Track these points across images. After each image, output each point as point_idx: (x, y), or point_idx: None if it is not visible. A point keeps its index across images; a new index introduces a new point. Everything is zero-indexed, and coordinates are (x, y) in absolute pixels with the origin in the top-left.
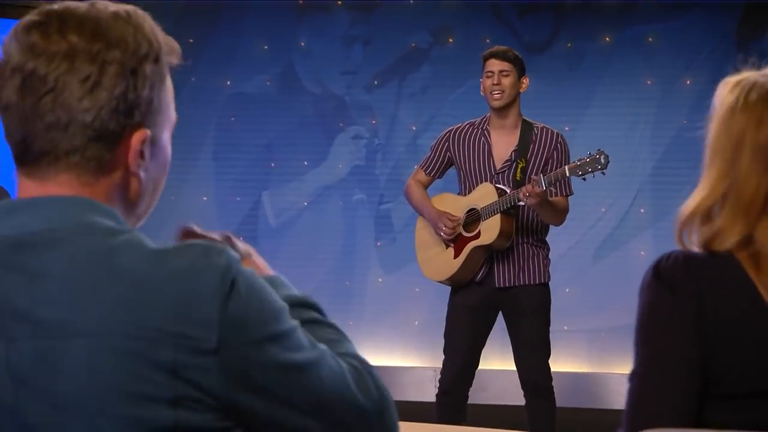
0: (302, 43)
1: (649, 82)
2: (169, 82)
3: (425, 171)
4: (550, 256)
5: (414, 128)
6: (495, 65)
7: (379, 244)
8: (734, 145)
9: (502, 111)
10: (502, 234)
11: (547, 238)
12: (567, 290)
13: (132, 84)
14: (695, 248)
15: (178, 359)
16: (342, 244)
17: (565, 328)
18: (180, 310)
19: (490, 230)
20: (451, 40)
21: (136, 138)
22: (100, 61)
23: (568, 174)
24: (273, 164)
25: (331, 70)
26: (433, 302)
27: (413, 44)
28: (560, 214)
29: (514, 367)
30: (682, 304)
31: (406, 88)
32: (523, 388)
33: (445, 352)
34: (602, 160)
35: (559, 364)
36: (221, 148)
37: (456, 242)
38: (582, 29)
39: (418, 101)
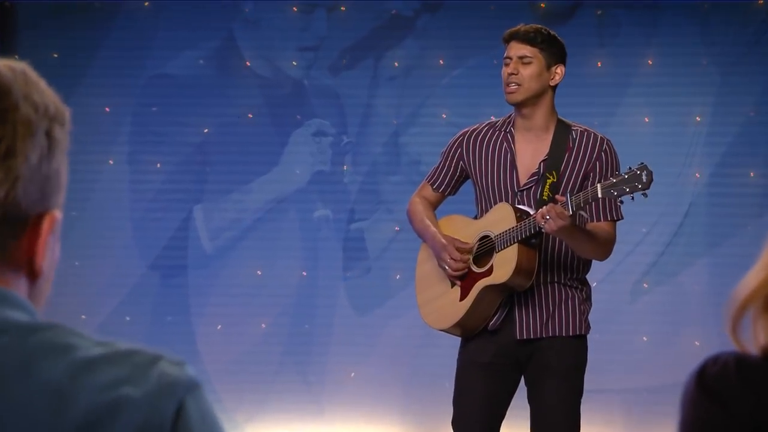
0: (246, 9)
1: (705, 63)
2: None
3: (433, 185)
4: (591, 300)
5: (395, 122)
6: (513, 49)
7: (348, 275)
8: None
9: (523, 109)
10: (520, 270)
11: (587, 276)
12: (597, 336)
13: (47, 149)
14: (753, 348)
15: None
16: (299, 276)
17: (596, 387)
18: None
19: (504, 265)
20: (443, 6)
21: (48, 222)
22: (11, 122)
23: (600, 194)
24: (208, 169)
25: (285, 44)
26: (422, 352)
27: (394, 11)
28: (602, 245)
29: None
30: (735, 424)
31: (384, 70)
32: None
33: (453, 424)
34: (643, 178)
35: None
36: (139, 148)
37: (464, 280)
38: None
39: (399, 87)
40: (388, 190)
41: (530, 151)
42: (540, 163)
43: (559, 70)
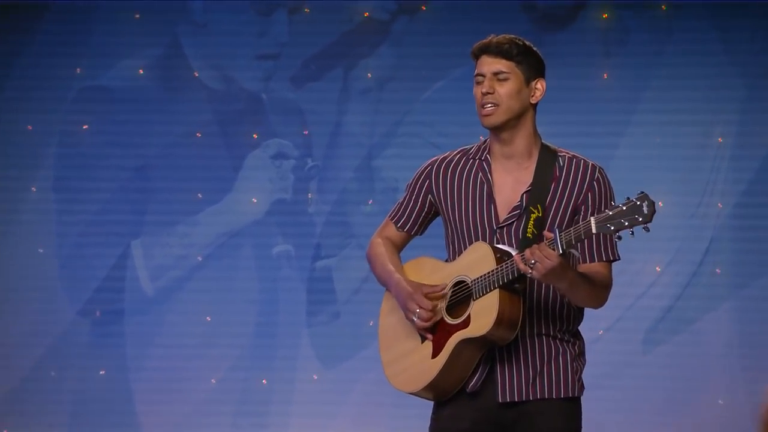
0: (194, 10)
1: (728, 74)
2: None
3: (396, 224)
4: (585, 356)
5: (368, 143)
6: (485, 65)
7: (313, 321)
8: None
9: (502, 134)
10: (502, 321)
11: (580, 327)
12: (602, 393)
13: None
14: None
15: None
16: (255, 322)
17: None
18: None
19: (483, 315)
20: (424, 7)
21: None
22: None
23: (594, 230)
24: (148, 198)
25: (240, 52)
26: (398, 413)
27: (366, 13)
28: (598, 291)
29: None
30: None
31: (355, 82)
32: None
33: None
34: (644, 209)
35: None
36: (67, 173)
37: (436, 333)
38: None
39: (373, 102)
40: (360, 222)
41: (510, 182)
42: (522, 194)
43: (540, 85)
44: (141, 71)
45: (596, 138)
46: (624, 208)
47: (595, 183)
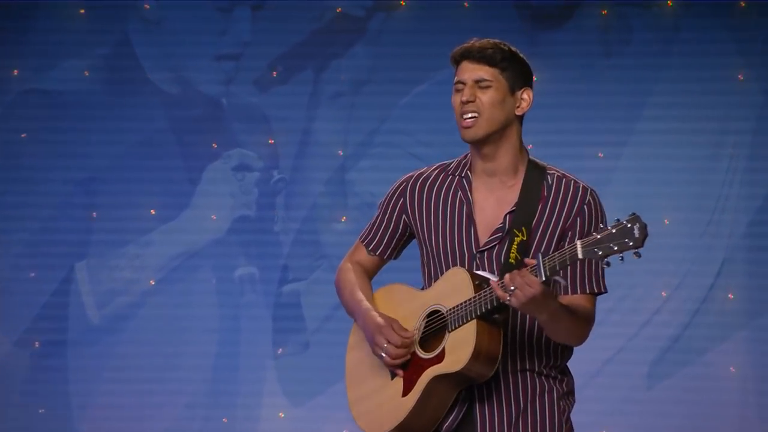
0: (147, 6)
1: (741, 77)
2: None
3: (368, 247)
4: (574, 395)
5: (341, 153)
6: (467, 71)
7: (280, 352)
8: None
9: (484, 148)
10: (479, 355)
11: (572, 362)
12: None
13: None
14: None
15: None
16: (215, 354)
17: None
18: None
19: (459, 348)
20: (403, 3)
21: None
22: None
23: (581, 254)
24: (95, 214)
25: (198, 52)
26: None
27: (339, 9)
28: (580, 326)
29: None
30: None
31: (326, 85)
32: None
33: None
34: (635, 233)
35: None
36: (3, 187)
37: (407, 368)
38: None
39: (347, 107)
40: (332, 242)
41: (492, 201)
42: (505, 215)
43: (526, 95)
44: (86, 73)
45: (595, 148)
46: (614, 231)
47: (585, 207)
